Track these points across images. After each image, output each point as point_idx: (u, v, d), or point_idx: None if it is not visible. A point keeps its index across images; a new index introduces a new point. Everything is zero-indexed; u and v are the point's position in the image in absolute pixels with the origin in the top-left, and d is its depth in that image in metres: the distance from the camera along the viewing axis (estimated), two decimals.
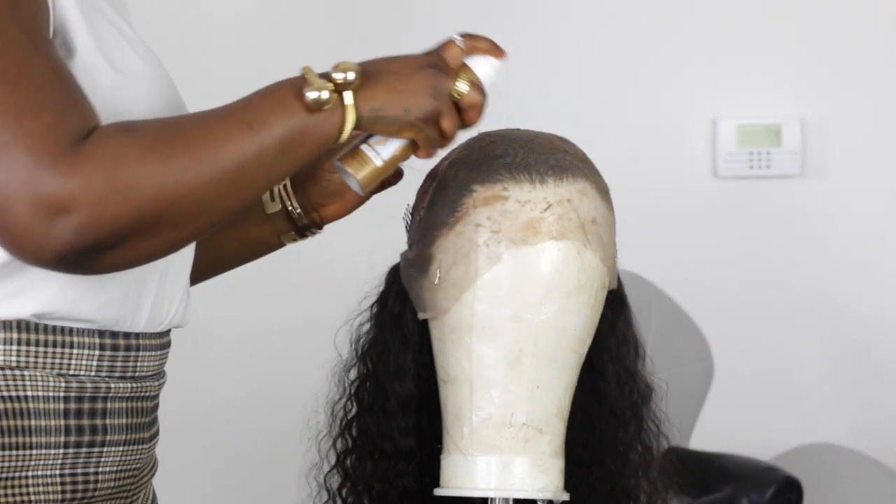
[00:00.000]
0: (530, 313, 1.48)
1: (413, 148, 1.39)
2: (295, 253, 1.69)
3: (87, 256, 1.23)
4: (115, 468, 1.39)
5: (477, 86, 1.38)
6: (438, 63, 1.37)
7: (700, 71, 3.02)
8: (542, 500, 1.50)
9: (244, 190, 1.29)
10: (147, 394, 1.42)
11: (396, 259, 1.58)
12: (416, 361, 1.56)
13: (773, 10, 3.02)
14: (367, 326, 1.60)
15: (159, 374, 1.45)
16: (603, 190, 1.54)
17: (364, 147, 1.38)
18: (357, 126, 1.33)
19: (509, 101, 2.96)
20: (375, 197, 1.55)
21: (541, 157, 1.51)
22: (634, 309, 1.61)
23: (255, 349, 2.98)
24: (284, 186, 1.61)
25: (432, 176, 1.56)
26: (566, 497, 1.51)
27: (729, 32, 3.02)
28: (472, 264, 1.48)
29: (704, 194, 3.03)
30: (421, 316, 1.53)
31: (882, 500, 2.61)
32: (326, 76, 1.31)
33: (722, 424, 2.92)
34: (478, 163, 1.51)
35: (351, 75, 1.31)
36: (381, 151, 1.38)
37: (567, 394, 1.52)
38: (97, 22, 1.33)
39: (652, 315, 2.65)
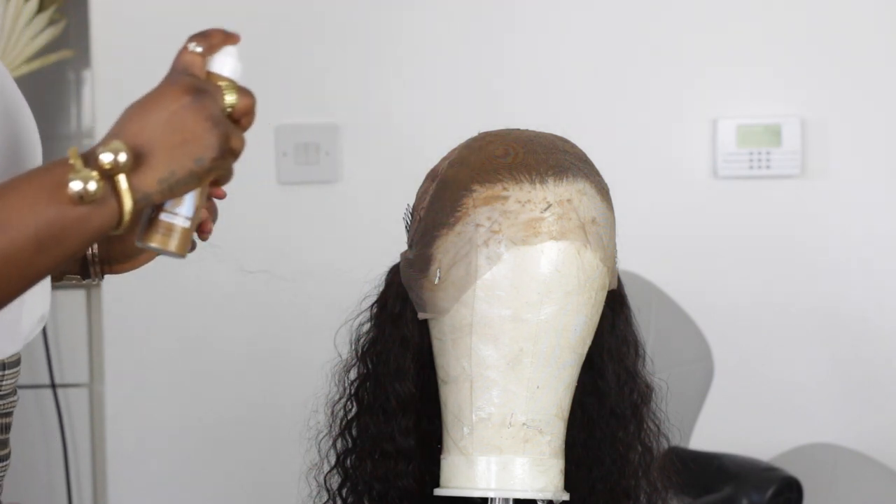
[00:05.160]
0: (530, 313, 1.48)
1: (210, 185, 1.23)
2: (297, 254, 1.69)
3: None
4: None
5: (239, 88, 1.22)
6: (194, 84, 1.19)
7: (700, 71, 3.02)
8: (542, 500, 1.50)
9: None
10: (10, 410, 1.39)
11: (396, 259, 1.58)
12: (416, 361, 1.56)
13: (774, 11, 3.02)
14: (367, 326, 1.59)
15: (14, 391, 1.41)
16: (603, 190, 1.54)
17: (163, 216, 1.21)
18: (146, 204, 1.17)
19: (509, 101, 2.97)
20: (379, 197, 1.54)
21: (541, 157, 1.51)
22: (634, 309, 1.61)
23: (256, 350, 2.98)
24: None
25: (432, 176, 1.55)
26: (566, 497, 1.51)
27: (729, 32, 3.01)
28: (472, 264, 1.48)
29: (704, 194, 3.03)
30: (421, 316, 1.53)
31: (882, 500, 2.61)
32: (93, 158, 1.14)
33: (722, 424, 2.92)
34: (478, 163, 1.51)
35: (122, 157, 1.13)
36: (181, 211, 1.21)
37: (567, 394, 1.51)
38: None
39: (652, 315, 2.64)
